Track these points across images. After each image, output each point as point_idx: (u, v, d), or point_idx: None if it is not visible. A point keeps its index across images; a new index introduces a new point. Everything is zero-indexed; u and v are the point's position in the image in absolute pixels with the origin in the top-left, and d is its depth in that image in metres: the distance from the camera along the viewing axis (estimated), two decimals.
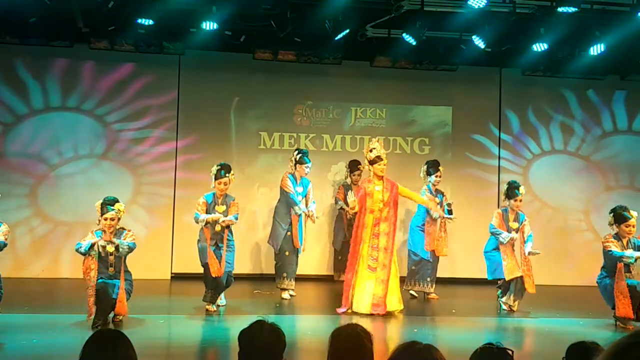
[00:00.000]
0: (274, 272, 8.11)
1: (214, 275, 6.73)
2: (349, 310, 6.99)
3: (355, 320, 6.27)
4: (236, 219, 7.01)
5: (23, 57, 8.98)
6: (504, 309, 7.39)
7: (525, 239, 7.42)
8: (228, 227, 6.89)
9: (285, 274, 7.87)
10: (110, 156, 9.15)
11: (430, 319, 7.26)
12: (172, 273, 9.15)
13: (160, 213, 9.17)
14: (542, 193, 9.94)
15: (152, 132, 9.25)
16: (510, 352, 2.45)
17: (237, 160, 9.47)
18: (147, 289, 7.49)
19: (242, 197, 9.07)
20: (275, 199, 8.13)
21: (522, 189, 7.53)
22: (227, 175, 6.93)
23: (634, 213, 6.82)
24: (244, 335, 2.50)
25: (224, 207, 6.95)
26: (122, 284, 6.04)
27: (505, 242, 7.33)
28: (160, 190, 9.24)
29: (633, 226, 6.77)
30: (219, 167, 7.00)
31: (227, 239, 6.90)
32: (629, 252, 6.66)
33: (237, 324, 2.65)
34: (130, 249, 6.15)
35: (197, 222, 6.95)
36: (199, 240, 7.01)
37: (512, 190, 7.50)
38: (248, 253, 9.26)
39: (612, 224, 6.89)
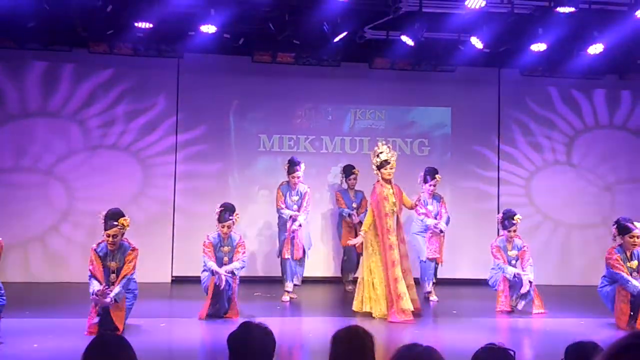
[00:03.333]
0: (274, 274, 8.25)
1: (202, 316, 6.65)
2: (404, 317, 6.74)
3: (355, 321, 6.27)
4: (242, 266, 6.85)
5: (21, 62, 8.99)
6: (505, 309, 7.39)
7: (524, 266, 7.41)
8: (232, 272, 6.74)
9: (285, 276, 7.90)
10: (108, 160, 9.12)
11: (431, 320, 7.26)
12: (172, 276, 9.15)
13: (160, 218, 9.16)
14: (539, 190, 9.95)
15: (151, 136, 9.24)
16: (512, 353, 2.45)
17: (237, 162, 9.49)
18: (148, 292, 7.47)
19: (242, 200, 9.13)
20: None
21: (517, 217, 7.47)
22: (230, 218, 6.81)
23: (638, 224, 6.71)
24: (233, 338, 2.48)
25: (228, 248, 6.86)
26: (123, 301, 6.00)
27: (510, 278, 7.28)
28: (159, 195, 9.23)
29: (637, 237, 6.66)
30: (221, 208, 6.87)
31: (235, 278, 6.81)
32: (635, 283, 6.52)
33: None
34: (125, 289, 6.04)
35: (205, 269, 6.82)
36: (204, 270, 6.85)
37: (508, 220, 7.47)
38: (248, 255, 9.24)
39: (616, 236, 6.78)
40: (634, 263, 6.70)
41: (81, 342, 2.67)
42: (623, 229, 6.74)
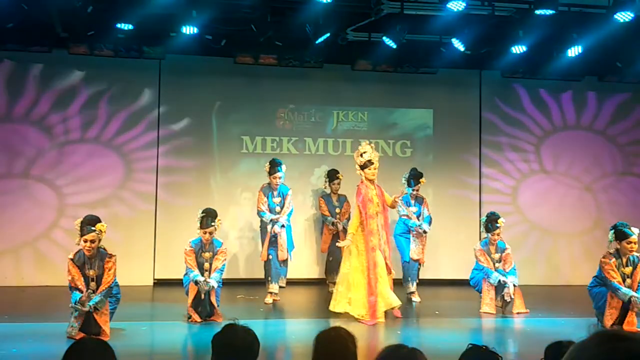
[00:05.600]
0: (256, 276, 8.23)
1: (191, 320, 6.61)
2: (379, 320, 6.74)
3: (338, 323, 6.27)
4: (221, 273, 6.74)
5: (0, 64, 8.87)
6: (490, 311, 7.43)
7: (508, 271, 7.40)
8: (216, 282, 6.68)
9: (269, 278, 7.87)
10: (87, 164, 9.01)
11: (414, 321, 7.28)
12: (154, 279, 9.08)
13: (142, 222, 9.08)
14: (521, 191, 10.04)
15: (132, 138, 9.17)
16: (499, 358, 2.45)
17: (220, 164, 9.44)
18: (130, 295, 7.41)
19: (225, 202, 9.08)
20: None
21: (500, 221, 7.45)
22: (212, 224, 6.73)
23: (635, 230, 6.64)
24: (218, 339, 2.48)
25: (210, 254, 6.79)
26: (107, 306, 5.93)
27: (495, 284, 7.31)
28: (140, 198, 9.14)
29: (635, 243, 6.57)
30: (203, 214, 6.77)
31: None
32: (625, 290, 6.48)
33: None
34: (107, 297, 5.97)
35: (187, 275, 6.77)
36: (186, 273, 6.80)
37: (491, 224, 7.46)
38: (230, 258, 9.21)
39: (613, 241, 6.68)
40: (629, 269, 6.66)
41: (61, 346, 2.64)
42: (620, 234, 6.63)
